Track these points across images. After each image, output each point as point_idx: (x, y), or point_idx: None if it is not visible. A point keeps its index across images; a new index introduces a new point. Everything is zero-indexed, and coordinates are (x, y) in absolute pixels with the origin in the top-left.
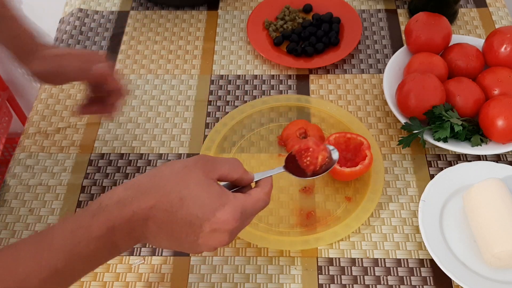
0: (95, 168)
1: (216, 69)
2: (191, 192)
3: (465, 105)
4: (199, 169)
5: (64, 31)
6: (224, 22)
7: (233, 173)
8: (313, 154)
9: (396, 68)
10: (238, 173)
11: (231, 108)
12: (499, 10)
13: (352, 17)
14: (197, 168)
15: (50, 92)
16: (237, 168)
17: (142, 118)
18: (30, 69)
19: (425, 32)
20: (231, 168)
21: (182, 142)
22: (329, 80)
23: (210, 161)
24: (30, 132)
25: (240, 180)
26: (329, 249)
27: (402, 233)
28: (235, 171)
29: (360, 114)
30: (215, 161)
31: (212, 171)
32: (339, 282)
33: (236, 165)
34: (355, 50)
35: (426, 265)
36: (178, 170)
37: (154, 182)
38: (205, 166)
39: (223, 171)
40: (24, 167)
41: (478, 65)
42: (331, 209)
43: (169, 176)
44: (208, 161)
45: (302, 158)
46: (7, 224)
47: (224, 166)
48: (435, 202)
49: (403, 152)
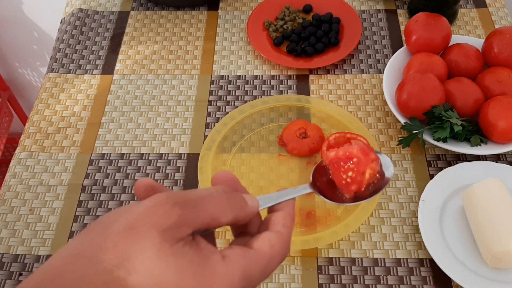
0: (96, 168)
1: (216, 69)
2: (146, 279)
3: (464, 105)
4: (155, 229)
5: (64, 31)
6: (224, 22)
7: (221, 215)
8: (358, 167)
9: (396, 68)
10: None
11: (231, 108)
12: (498, 10)
13: (352, 17)
14: (151, 227)
15: (50, 92)
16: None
17: (142, 118)
18: None
19: (425, 33)
20: (217, 209)
21: (182, 142)
22: (329, 80)
23: (177, 208)
24: (31, 132)
25: (235, 221)
26: (329, 249)
27: (402, 233)
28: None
29: (360, 114)
30: (186, 204)
31: (181, 226)
32: (339, 282)
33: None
34: (355, 50)
35: (426, 265)
36: (115, 237)
37: (76, 268)
38: (166, 218)
39: (202, 218)
40: (24, 166)
41: (477, 65)
42: (331, 209)
43: (100, 251)
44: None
45: (339, 172)
46: (7, 223)
47: (204, 208)
48: (435, 202)
49: (403, 152)
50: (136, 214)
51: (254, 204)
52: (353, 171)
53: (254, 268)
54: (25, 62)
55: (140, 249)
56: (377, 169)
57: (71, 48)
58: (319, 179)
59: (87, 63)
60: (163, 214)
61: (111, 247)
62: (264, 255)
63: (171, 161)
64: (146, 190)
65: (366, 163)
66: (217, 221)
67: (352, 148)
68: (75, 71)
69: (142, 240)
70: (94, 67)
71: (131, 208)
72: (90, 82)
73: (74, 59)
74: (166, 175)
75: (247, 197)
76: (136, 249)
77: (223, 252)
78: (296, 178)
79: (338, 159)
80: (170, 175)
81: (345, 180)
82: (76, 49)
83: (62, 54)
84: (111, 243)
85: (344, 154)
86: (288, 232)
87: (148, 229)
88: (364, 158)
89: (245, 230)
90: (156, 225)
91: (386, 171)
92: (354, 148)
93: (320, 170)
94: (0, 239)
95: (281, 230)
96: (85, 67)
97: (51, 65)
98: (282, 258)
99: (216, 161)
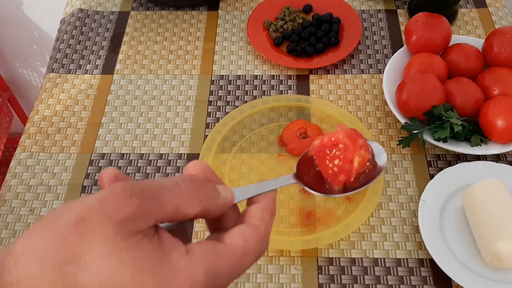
0: (96, 168)
1: (217, 69)
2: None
3: (464, 105)
4: (109, 221)
5: (64, 31)
6: (224, 23)
7: (188, 206)
8: (345, 154)
9: (396, 68)
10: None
11: (231, 108)
12: (498, 10)
13: (352, 17)
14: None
15: (51, 92)
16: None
17: (142, 118)
18: None
19: (425, 33)
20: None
21: (182, 142)
22: (329, 80)
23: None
24: (31, 132)
25: (205, 213)
26: (329, 249)
27: (402, 233)
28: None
29: (360, 114)
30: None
31: (139, 217)
32: (339, 282)
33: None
34: (355, 50)
35: (426, 265)
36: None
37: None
38: (122, 209)
39: (165, 209)
40: (25, 167)
41: (478, 65)
42: (331, 209)
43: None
44: (129, 198)
45: (325, 161)
46: (8, 223)
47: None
48: (435, 202)
49: (403, 152)
50: (88, 205)
51: (227, 195)
52: (339, 159)
53: (223, 264)
54: (25, 62)
55: (91, 243)
56: (368, 157)
57: (71, 48)
58: (306, 171)
59: (87, 63)
60: (118, 204)
61: (60, 241)
62: (235, 251)
63: (171, 161)
64: (110, 180)
65: (354, 149)
66: (183, 212)
67: (337, 133)
68: (75, 71)
69: (93, 233)
70: (94, 67)
71: (84, 199)
72: (90, 82)
73: (74, 59)
74: (166, 175)
75: (220, 188)
76: (87, 243)
77: (189, 246)
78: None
79: (323, 146)
80: (170, 175)
81: (331, 169)
82: (76, 49)
83: (62, 54)
84: (60, 237)
85: (329, 141)
86: (265, 227)
87: (101, 221)
88: (351, 145)
89: (221, 226)
90: (110, 217)
91: (378, 159)
92: (340, 133)
93: (306, 161)
94: (1, 240)
95: (258, 223)
96: (85, 67)
97: (51, 65)
98: (258, 255)
99: (216, 161)
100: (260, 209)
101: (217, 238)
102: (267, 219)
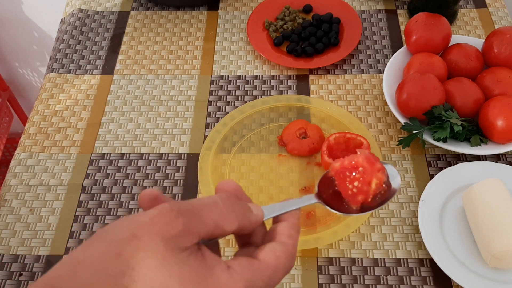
0: (96, 168)
1: (217, 69)
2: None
3: (464, 105)
4: (159, 238)
5: (64, 32)
6: (224, 23)
7: (226, 223)
8: (364, 177)
9: (396, 68)
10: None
11: (231, 108)
12: (498, 10)
13: (352, 17)
14: (155, 235)
15: (51, 93)
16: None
17: (142, 118)
18: None
19: (425, 33)
20: (221, 217)
21: (182, 142)
22: (329, 80)
23: (180, 216)
24: (31, 132)
25: (240, 230)
26: (329, 249)
27: (402, 233)
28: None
29: (360, 114)
30: (189, 213)
31: (185, 235)
32: (339, 282)
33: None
34: (355, 51)
35: (426, 265)
36: (120, 246)
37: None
38: (171, 227)
39: (207, 227)
40: (24, 167)
41: (477, 65)
42: None
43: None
44: (176, 217)
45: (345, 183)
46: (7, 224)
47: (208, 216)
48: (435, 202)
49: (403, 152)
50: (140, 222)
51: (258, 213)
52: (359, 181)
53: (259, 279)
54: (25, 62)
55: (144, 257)
56: (384, 179)
57: (71, 48)
58: (325, 190)
59: (87, 63)
60: (168, 222)
61: (115, 255)
62: (269, 266)
63: (171, 161)
64: (151, 200)
65: (372, 172)
66: (222, 229)
67: (357, 157)
68: (75, 71)
69: (146, 248)
70: (94, 67)
71: (135, 217)
72: (90, 82)
73: (74, 59)
74: (166, 175)
75: (252, 206)
76: (140, 257)
77: (228, 262)
78: (296, 178)
79: (343, 169)
80: (170, 175)
81: (351, 190)
82: (76, 49)
83: (62, 54)
84: (115, 251)
85: (349, 164)
86: (293, 244)
87: (152, 238)
88: (370, 168)
89: (250, 240)
90: (161, 234)
91: (393, 181)
92: (360, 157)
93: (326, 181)
94: (1, 240)
95: (286, 241)
96: (85, 67)
97: (51, 65)
98: (288, 270)
99: (216, 161)
100: (288, 227)
101: (250, 254)
102: (294, 236)
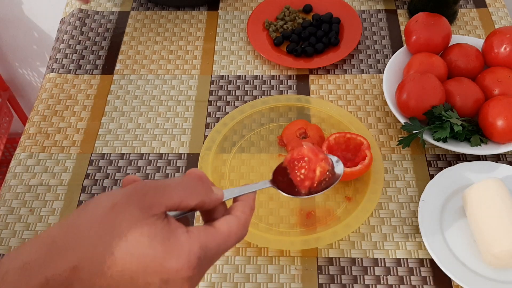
0: (96, 168)
1: (217, 69)
2: (125, 241)
3: (464, 105)
4: (134, 206)
5: (64, 32)
6: (224, 23)
7: (189, 198)
8: (309, 165)
9: (396, 68)
10: (197, 196)
11: (231, 108)
12: (498, 10)
13: (352, 17)
14: (131, 204)
15: (51, 93)
16: (194, 191)
17: (142, 118)
18: None
19: (425, 33)
20: (185, 193)
21: (182, 142)
22: (329, 80)
23: (150, 191)
24: (31, 132)
25: (202, 205)
26: (329, 249)
27: (402, 233)
28: (192, 195)
29: (360, 114)
30: (158, 188)
31: (154, 205)
32: (339, 282)
33: (193, 186)
34: (355, 50)
35: (426, 265)
36: (104, 212)
37: (72, 234)
38: (143, 199)
39: (172, 199)
40: (24, 167)
41: (477, 65)
42: (331, 209)
43: (92, 222)
44: (147, 191)
45: (295, 171)
46: (7, 224)
47: (174, 192)
48: (435, 202)
49: (403, 152)
50: (119, 195)
51: (218, 192)
52: (305, 169)
53: (212, 241)
54: (25, 62)
55: (122, 219)
56: (327, 168)
57: (71, 48)
58: (280, 178)
59: (87, 63)
60: (141, 196)
61: (101, 218)
62: (222, 233)
63: (171, 161)
64: (131, 182)
65: (316, 162)
66: (186, 202)
67: (303, 149)
68: (75, 71)
69: (124, 213)
70: (94, 67)
71: (115, 191)
72: (90, 82)
73: (74, 59)
74: (166, 175)
75: (213, 188)
76: (119, 220)
77: (188, 227)
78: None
79: (293, 159)
80: (170, 175)
81: (299, 177)
82: (76, 49)
83: (62, 54)
84: (101, 215)
85: (298, 155)
86: (245, 217)
87: (130, 205)
88: (314, 158)
89: (212, 217)
90: (135, 203)
91: (337, 169)
92: (305, 149)
93: (280, 170)
94: (1, 240)
95: (239, 215)
96: (85, 67)
97: (51, 65)
98: (239, 238)
99: (216, 161)
100: (242, 205)
101: (209, 224)
102: (247, 212)
